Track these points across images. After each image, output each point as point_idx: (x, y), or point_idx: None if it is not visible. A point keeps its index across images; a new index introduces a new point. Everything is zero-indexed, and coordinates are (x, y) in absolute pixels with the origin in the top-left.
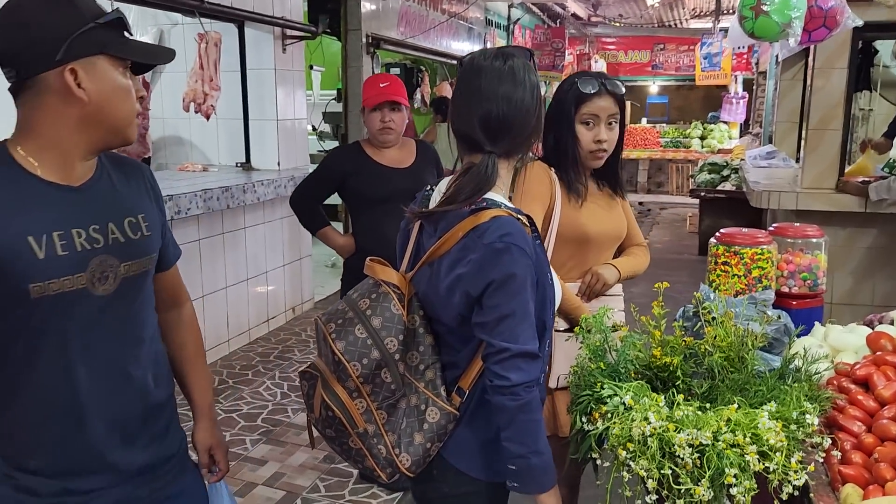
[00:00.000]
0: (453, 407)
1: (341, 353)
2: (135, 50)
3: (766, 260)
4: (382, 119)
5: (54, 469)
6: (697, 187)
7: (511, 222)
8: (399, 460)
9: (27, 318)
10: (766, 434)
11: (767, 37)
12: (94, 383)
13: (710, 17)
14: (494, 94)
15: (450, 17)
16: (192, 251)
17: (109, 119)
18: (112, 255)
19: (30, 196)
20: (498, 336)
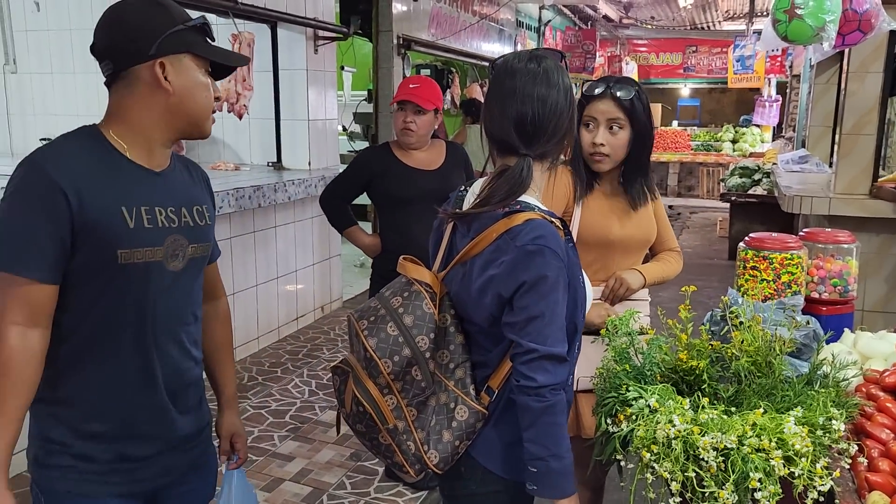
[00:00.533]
0: (482, 406)
1: (373, 349)
2: (216, 52)
3: (795, 265)
4: (405, 119)
5: (117, 432)
6: (728, 191)
7: (544, 225)
8: (427, 457)
9: (112, 283)
10: (792, 439)
11: (801, 40)
12: (162, 350)
13: (743, 20)
14: (529, 96)
15: (480, 18)
16: (224, 249)
17: (189, 111)
18: (183, 236)
19: (123, 172)
20: (526, 336)
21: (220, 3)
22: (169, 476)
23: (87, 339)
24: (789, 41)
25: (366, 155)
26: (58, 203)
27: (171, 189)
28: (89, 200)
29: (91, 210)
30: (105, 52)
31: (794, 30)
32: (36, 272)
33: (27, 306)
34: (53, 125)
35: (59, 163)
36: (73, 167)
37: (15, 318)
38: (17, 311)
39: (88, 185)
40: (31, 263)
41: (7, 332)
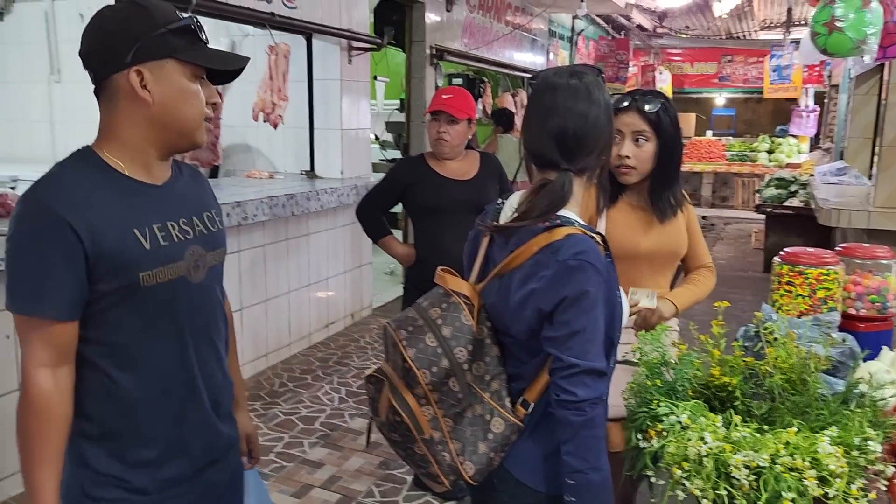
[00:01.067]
0: (517, 418)
1: (412, 360)
2: (205, 56)
3: (832, 281)
4: (439, 130)
5: (166, 455)
6: (763, 203)
7: (585, 240)
8: (463, 468)
9: (140, 306)
10: (827, 459)
11: (841, 53)
12: (203, 360)
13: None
14: (571, 111)
15: (513, 29)
16: (258, 256)
17: (175, 121)
18: (200, 245)
19: (127, 193)
20: (567, 351)
21: (257, 16)
22: (214, 492)
23: (127, 368)
24: (829, 54)
25: (400, 166)
26: (68, 239)
27: (179, 200)
28: (100, 230)
29: (104, 240)
30: (85, 61)
31: (833, 43)
32: (54, 312)
33: (51, 347)
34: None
35: (62, 196)
36: (76, 199)
37: (42, 361)
38: (42, 353)
39: (96, 215)
40: (49, 303)
41: (36, 376)
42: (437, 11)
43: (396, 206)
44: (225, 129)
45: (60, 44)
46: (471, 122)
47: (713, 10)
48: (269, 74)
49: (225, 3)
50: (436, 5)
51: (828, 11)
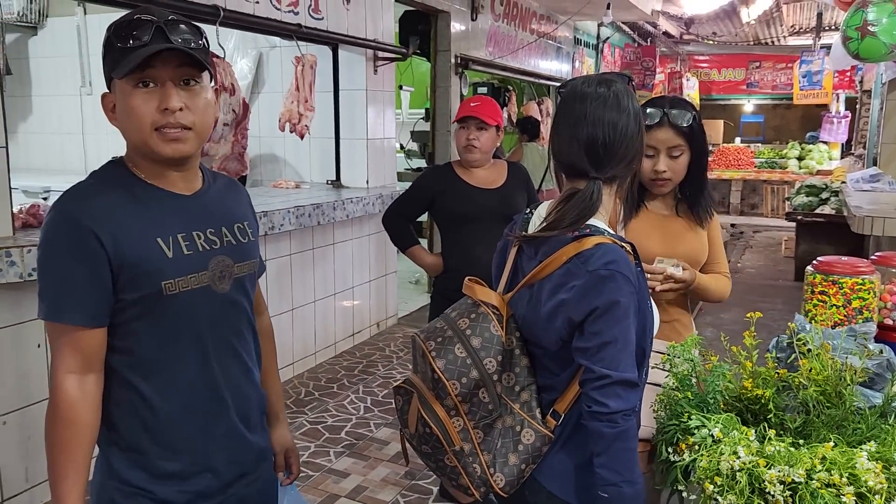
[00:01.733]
0: (548, 430)
1: (441, 371)
2: (123, 63)
3: (867, 290)
4: (468, 137)
5: (194, 467)
6: (794, 210)
7: (615, 250)
8: (493, 480)
9: (164, 316)
10: (865, 475)
11: (874, 58)
12: (228, 373)
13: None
14: (600, 120)
15: (539, 37)
16: (284, 265)
17: (129, 137)
18: (227, 256)
19: (152, 203)
20: (599, 362)
21: (284, 28)
22: None
23: (150, 379)
24: (861, 59)
25: (428, 174)
26: (92, 247)
27: (209, 210)
28: (122, 239)
29: (126, 248)
30: None
31: (866, 47)
32: (80, 318)
33: (78, 353)
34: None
35: (87, 206)
36: (100, 208)
37: (70, 367)
38: (70, 360)
39: (119, 224)
40: (74, 310)
41: (64, 382)
42: (461, 21)
43: (423, 215)
44: (252, 140)
45: (92, 56)
46: (499, 129)
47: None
48: (295, 85)
49: (251, 16)
50: (461, 14)
51: (860, 16)
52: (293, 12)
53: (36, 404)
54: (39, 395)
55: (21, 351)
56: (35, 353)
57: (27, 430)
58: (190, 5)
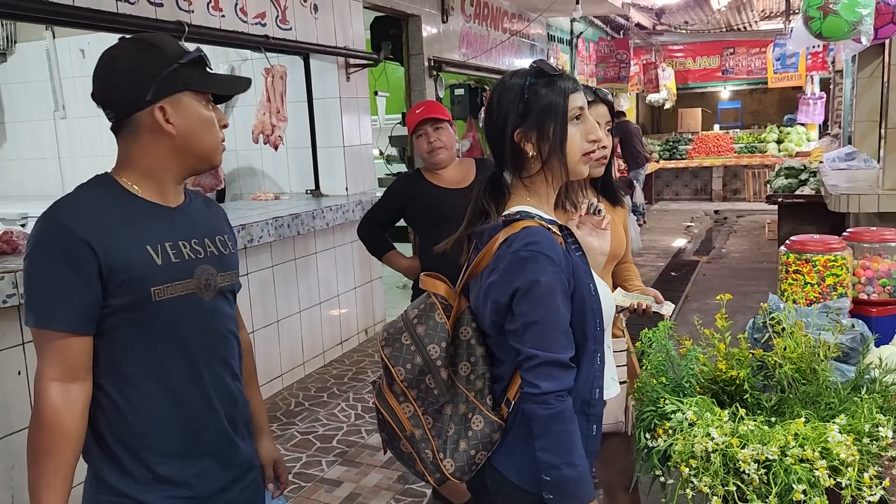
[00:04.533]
0: (499, 417)
1: (387, 357)
2: (216, 83)
3: (840, 267)
4: (428, 140)
5: (186, 472)
6: (774, 193)
7: (539, 231)
8: (443, 465)
9: (153, 322)
10: (837, 448)
11: (836, 36)
12: (217, 379)
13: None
14: (494, 109)
15: (511, 35)
16: (267, 278)
17: (197, 147)
18: (211, 266)
19: (141, 214)
20: (527, 343)
21: (252, 39)
22: None
23: (140, 384)
24: (824, 38)
25: (398, 183)
26: (82, 254)
27: (191, 222)
28: (113, 246)
29: (117, 255)
30: (104, 102)
31: (829, 26)
32: (67, 324)
33: (64, 361)
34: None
35: (78, 215)
36: (91, 217)
37: (54, 375)
38: (55, 367)
39: (110, 232)
40: (62, 316)
41: (49, 390)
42: (433, 23)
43: (397, 222)
44: (228, 153)
45: (63, 80)
46: (451, 124)
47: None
48: (266, 96)
49: (218, 30)
50: (431, 17)
51: None
52: (260, 24)
53: (18, 433)
54: (21, 423)
55: (1, 379)
56: (15, 381)
57: (10, 459)
58: (154, 22)
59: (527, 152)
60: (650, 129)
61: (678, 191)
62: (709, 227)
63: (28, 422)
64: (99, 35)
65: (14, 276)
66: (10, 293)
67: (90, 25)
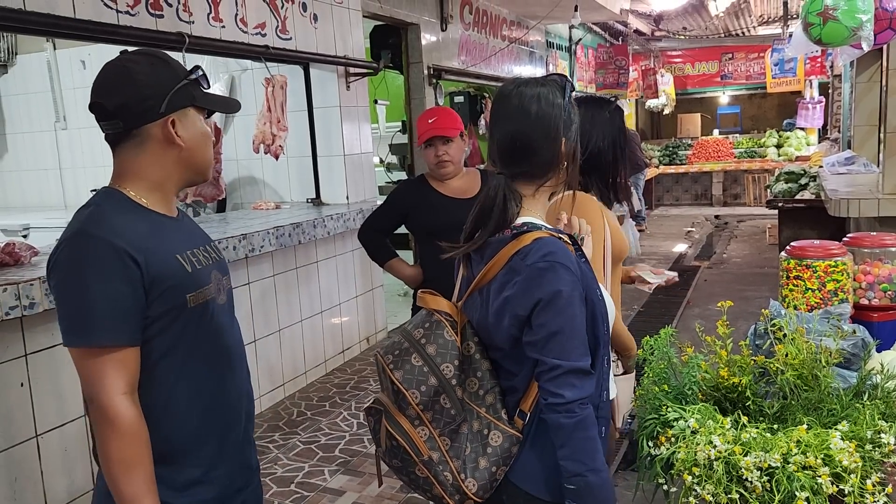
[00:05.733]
0: (515, 430)
1: (399, 381)
2: (215, 102)
3: (840, 272)
4: (436, 153)
5: (213, 474)
6: (774, 198)
7: (553, 242)
8: (465, 485)
9: (186, 328)
10: (839, 455)
11: (836, 42)
12: (239, 379)
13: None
14: (509, 119)
15: (510, 43)
16: (268, 287)
17: (198, 160)
18: (218, 270)
19: (157, 225)
20: (549, 353)
21: (252, 50)
22: None
23: (175, 389)
24: (823, 44)
25: (402, 188)
26: (129, 266)
27: (192, 231)
28: (152, 258)
29: (155, 266)
30: (115, 112)
31: (828, 32)
32: (126, 338)
33: (128, 373)
34: (102, 177)
35: (113, 229)
36: (126, 230)
37: (122, 389)
38: (121, 382)
39: (145, 243)
40: (122, 330)
41: (121, 406)
42: (432, 32)
43: (398, 229)
44: (229, 163)
45: (64, 91)
46: (463, 135)
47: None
48: (266, 106)
49: (218, 40)
50: (431, 26)
51: (820, 2)
52: (260, 34)
53: (21, 444)
54: (24, 434)
55: (3, 391)
56: (18, 393)
57: (13, 472)
58: (155, 33)
59: (563, 162)
60: (650, 135)
61: (678, 196)
62: (709, 232)
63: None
64: (99, 46)
65: (17, 288)
66: (13, 305)
67: (91, 38)
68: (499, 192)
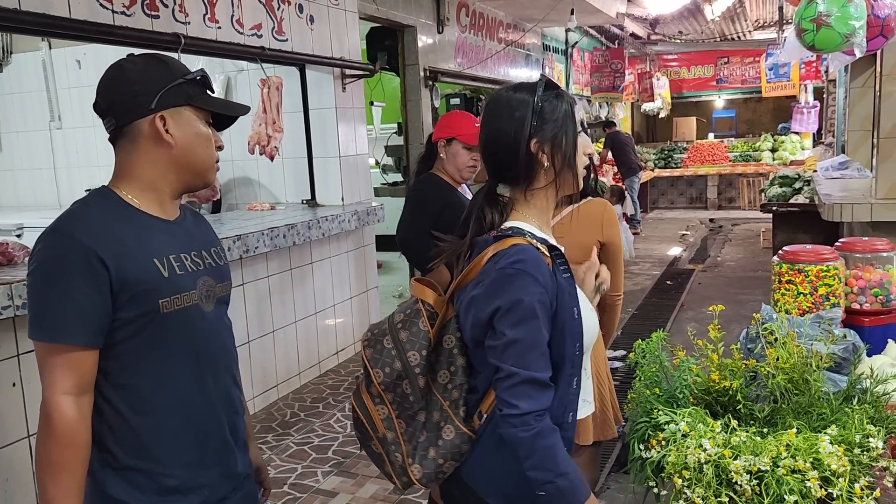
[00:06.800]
0: (469, 429)
1: (367, 359)
2: (215, 103)
3: (832, 277)
4: (474, 157)
5: (192, 481)
6: (769, 202)
7: (527, 250)
8: (411, 470)
9: (160, 333)
10: (828, 459)
11: (829, 48)
12: (220, 387)
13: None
14: (489, 124)
15: (506, 45)
16: (263, 288)
17: (193, 162)
18: (210, 277)
19: (144, 227)
20: (507, 361)
21: (248, 51)
22: None
23: (147, 396)
24: (816, 50)
25: (432, 186)
26: (95, 268)
27: (189, 235)
28: (123, 261)
29: (127, 269)
30: (107, 110)
31: (822, 38)
32: (81, 338)
33: (76, 374)
34: (97, 177)
35: (89, 229)
36: (100, 231)
37: (66, 388)
38: (66, 381)
39: (119, 246)
40: (76, 330)
41: (62, 403)
42: (428, 34)
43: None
44: (224, 163)
45: (59, 91)
46: None
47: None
48: (262, 107)
49: (214, 41)
50: (427, 28)
51: (813, 8)
52: (256, 35)
53: (11, 445)
54: (16, 434)
55: None
56: (9, 392)
57: (5, 472)
58: (151, 34)
59: (541, 163)
60: (645, 138)
61: (673, 199)
62: (704, 235)
63: (22, 433)
64: (95, 46)
65: (9, 287)
66: (6, 305)
67: (87, 38)
68: (479, 197)
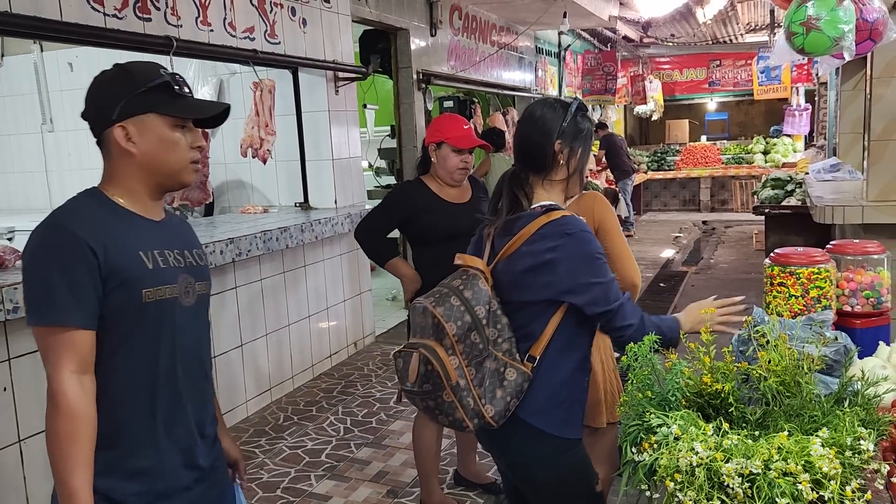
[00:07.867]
0: (527, 369)
1: (441, 315)
2: (182, 107)
3: (823, 279)
4: (464, 160)
5: (156, 469)
6: (761, 204)
7: (576, 218)
8: (485, 410)
9: (140, 323)
10: (820, 461)
11: (818, 51)
12: (191, 381)
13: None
14: (537, 121)
15: (499, 48)
16: (255, 291)
17: (160, 167)
18: (191, 275)
19: (131, 224)
20: (612, 298)
21: (240, 54)
22: None
23: (126, 380)
24: (805, 53)
25: (404, 190)
26: (86, 255)
27: (173, 235)
28: (111, 251)
29: (114, 258)
30: (87, 119)
31: (811, 42)
32: (81, 320)
33: (78, 354)
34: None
35: (78, 220)
36: (91, 223)
37: (71, 367)
38: (71, 361)
39: (107, 237)
40: (75, 312)
41: (65, 383)
42: (421, 37)
43: (393, 231)
44: (217, 166)
45: (51, 93)
46: None
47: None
48: (254, 110)
49: (206, 44)
50: (420, 31)
51: (803, 11)
52: (249, 38)
53: (2, 450)
54: (7, 439)
55: None
56: (1, 397)
57: None
58: (143, 37)
59: (559, 160)
60: (638, 141)
61: (666, 201)
62: (697, 237)
63: (13, 438)
64: (87, 49)
65: (0, 291)
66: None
67: (78, 41)
68: (503, 182)
